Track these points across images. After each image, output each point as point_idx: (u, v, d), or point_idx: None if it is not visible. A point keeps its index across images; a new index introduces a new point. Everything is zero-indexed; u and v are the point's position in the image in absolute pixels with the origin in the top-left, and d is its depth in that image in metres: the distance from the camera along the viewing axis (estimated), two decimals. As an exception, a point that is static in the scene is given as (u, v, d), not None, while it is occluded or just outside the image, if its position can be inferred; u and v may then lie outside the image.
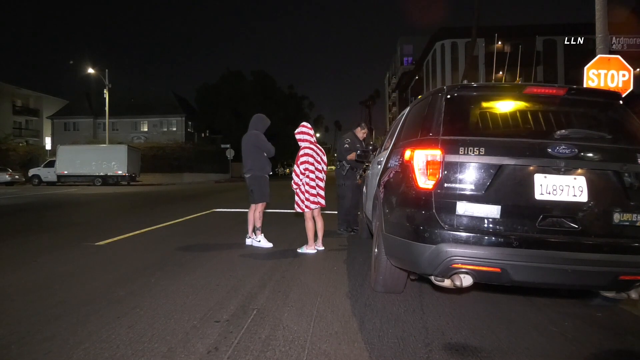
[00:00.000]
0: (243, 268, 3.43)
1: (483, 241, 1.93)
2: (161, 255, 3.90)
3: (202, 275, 3.17)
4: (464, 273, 1.98)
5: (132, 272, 3.26)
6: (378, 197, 2.80)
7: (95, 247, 4.32)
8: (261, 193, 4.34)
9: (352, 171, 5.14)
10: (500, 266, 1.90)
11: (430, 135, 2.17)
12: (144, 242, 4.62)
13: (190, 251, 4.12)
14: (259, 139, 4.32)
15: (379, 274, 2.61)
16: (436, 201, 2.02)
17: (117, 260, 3.70)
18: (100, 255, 3.94)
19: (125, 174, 21.39)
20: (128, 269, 3.36)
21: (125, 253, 4.03)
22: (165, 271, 3.30)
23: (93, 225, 5.98)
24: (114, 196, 12.85)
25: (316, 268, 3.48)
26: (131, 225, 5.83)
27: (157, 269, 3.38)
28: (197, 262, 3.64)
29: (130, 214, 7.62)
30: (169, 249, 4.19)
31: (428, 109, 2.39)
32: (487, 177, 2.00)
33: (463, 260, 1.93)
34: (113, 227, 5.69)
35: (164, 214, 7.32)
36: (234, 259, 3.76)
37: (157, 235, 5.09)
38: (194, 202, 10.54)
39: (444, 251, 1.95)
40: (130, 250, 4.16)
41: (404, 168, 2.27)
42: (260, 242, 4.34)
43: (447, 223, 2.00)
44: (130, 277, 3.11)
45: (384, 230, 2.42)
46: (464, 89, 2.33)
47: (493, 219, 1.96)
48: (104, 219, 6.93)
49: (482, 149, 2.00)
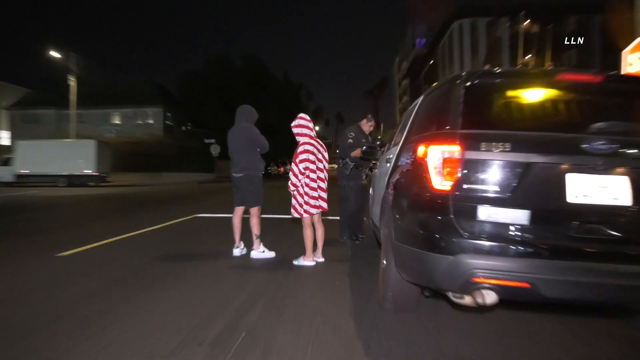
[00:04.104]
0: (230, 282, 3.42)
1: (509, 251, 1.93)
2: (135, 267, 3.89)
3: (182, 290, 3.16)
4: (487, 289, 1.97)
5: (102, 287, 3.25)
6: (387, 200, 2.79)
7: (59, 258, 4.30)
8: (257, 196, 4.35)
9: (357, 170, 5.14)
10: (530, 280, 1.89)
11: (447, 128, 2.16)
12: (115, 252, 4.61)
13: (169, 262, 4.11)
14: (254, 133, 4.32)
15: (388, 289, 2.60)
16: (454, 205, 2.01)
17: (85, 273, 3.69)
18: (65, 267, 3.93)
19: (94, 174, 21.36)
20: (97, 283, 3.35)
21: (94, 265, 4.02)
22: (140, 285, 3.29)
23: (56, 234, 5.97)
24: (81, 199, 12.81)
25: (315, 282, 3.47)
26: (101, 233, 5.82)
27: (131, 282, 3.38)
28: (176, 275, 3.63)
29: (100, 220, 7.60)
30: (144, 260, 4.19)
31: (444, 98, 2.38)
32: (513, 177, 1.99)
33: (486, 274, 1.92)
34: (80, 236, 5.67)
35: (138, 220, 7.31)
36: (220, 272, 3.76)
37: (131, 245, 5.08)
38: (173, 206, 10.53)
39: (464, 263, 1.94)
40: (100, 262, 4.15)
41: (417, 166, 2.26)
42: (264, 253, 4.35)
43: (467, 230, 1.99)
44: (100, 293, 3.10)
45: (394, 239, 2.41)
46: (485, 76, 2.32)
47: (520, 226, 1.96)
48: (69, 225, 6.90)
49: (508, 145, 2.00)
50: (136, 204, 11.08)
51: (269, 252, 4.39)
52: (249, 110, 4.46)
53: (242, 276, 3.63)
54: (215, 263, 4.08)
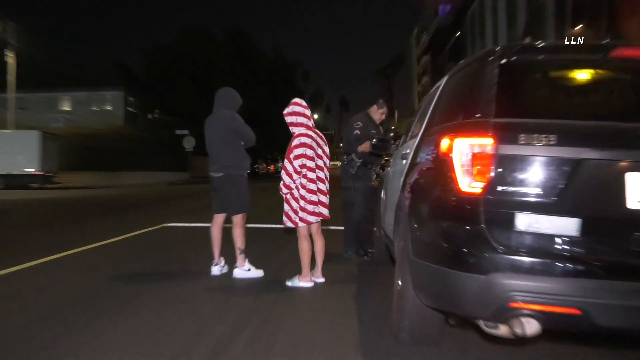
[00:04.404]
0: (209, 307, 3.42)
1: (555, 269, 1.93)
2: (92, 289, 3.89)
3: (150, 317, 3.16)
4: (528, 316, 1.97)
5: (50, 313, 3.25)
6: (402, 206, 2.80)
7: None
8: (241, 200, 4.35)
9: (365, 168, 5.15)
10: (580, 306, 1.89)
11: (478, 116, 2.16)
12: (66, 271, 4.61)
13: (133, 283, 4.11)
14: (238, 123, 4.33)
15: (404, 316, 2.60)
16: (486, 211, 2.02)
17: (28, 296, 3.69)
18: (3, 289, 3.93)
19: (38, 173, 21.38)
20: (44, 309, 3.35)
21: (39, 286, 4.02)
22: (98, 311, 3.29)
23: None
24: (20, 205, 12.80)
25: (313, 308, 3.47)
26: (46, 246, 5.82)
27: (86, 307, 3.37)
28: (143, 298, 3.63)
29: (45, 231, 7.60)
30: (102, 280, 4.19)
31: (474, 79, 2.39)
32: (559, 177, 1.99)
33: (526, 298, 1.92)
34: (20, 250, 5.67)
35: (93, 231, 7.31)
36: (196, 294, 3.76)
37: (86, 261, 5.08)
38: (137, 213, 10.52)
39: (499, 284, 1.94)
40: (47, 282, 4.15)
41: (440, 164, 2.27)
42: (249, 271, 4.36)
43: (503, 243, 1.99)
44: (47, 320, 3.10)
45: (411, 254, 2.41)
46: (525, 51, 2.32)
47: (569, 238, 1.96)
48: (6, 238, 6.90)
49: (553, 137, 2.00)
50: (91, 211, 11.07)
51: (255, 270, 4.39)
52: (230, 94, 4.47)
53: (223, 301, 3.62)
54: (190, 284, 4.08)
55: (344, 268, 4.79)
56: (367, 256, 5.20)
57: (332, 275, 4.35)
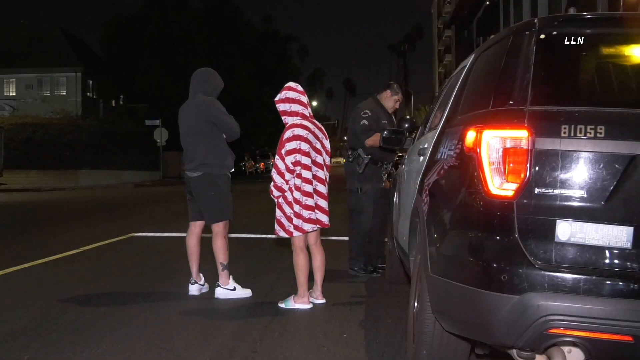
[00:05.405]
0: (185, 335, 3.42)
1: (603, 288, 1.93)
2: (41, 313, 3.89)
3: (112, 348, 3.16)
4: (570, 344, 1.98)
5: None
6: (420, 212, 2.81)
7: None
8: (223, 205, 4.35)
9: (375, 167, 5.16)
10: (633, 332, 1.90)
11: (511, 103, 2.17)
12: (9, 291, 4.61)
13: (92, 305, 4.12)
14: (217, 110, 4.32)
15: (422, 345, 2.61)
16: (520, 218, 2.02)
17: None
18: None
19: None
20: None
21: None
22: (48, 341, 3.29)
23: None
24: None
25: (312, 335, 3.48)
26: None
27: (34, 336, 3.37)
28: (103, 324, 3.63)
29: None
30: (53, 302, 4.19)
31: (506, 58, 2.39)
32: (609, 177, 2.00)
33: (568, 323, 1.92)
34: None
35: (46, 243, 7.31)
36: (169, 320, 3.77)
37: (34, 279, 5.08)
38: (98, 220, 10.51)
39: (535, 306, 1.94)
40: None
41: (465, 162, 2.28)
42: (235, 291, 4.36)
43: (540, 257, 2.00)
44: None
45: (430, 270, 2.42)
46: (568, 24, 2.32)
47: (619, 250, 1.97)
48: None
49: (602, 128, 2.00)
50: (43, 218, 11.05)
51: (242, 289, 4.40)
52: (209, 76, 4.48)
53: (203, 326, 3.63)
54: (162, 307, 4.08)
55: (349, 287, 4.80)
56: (376, 273, 5.21)
57: (335, 295, 4.36)
